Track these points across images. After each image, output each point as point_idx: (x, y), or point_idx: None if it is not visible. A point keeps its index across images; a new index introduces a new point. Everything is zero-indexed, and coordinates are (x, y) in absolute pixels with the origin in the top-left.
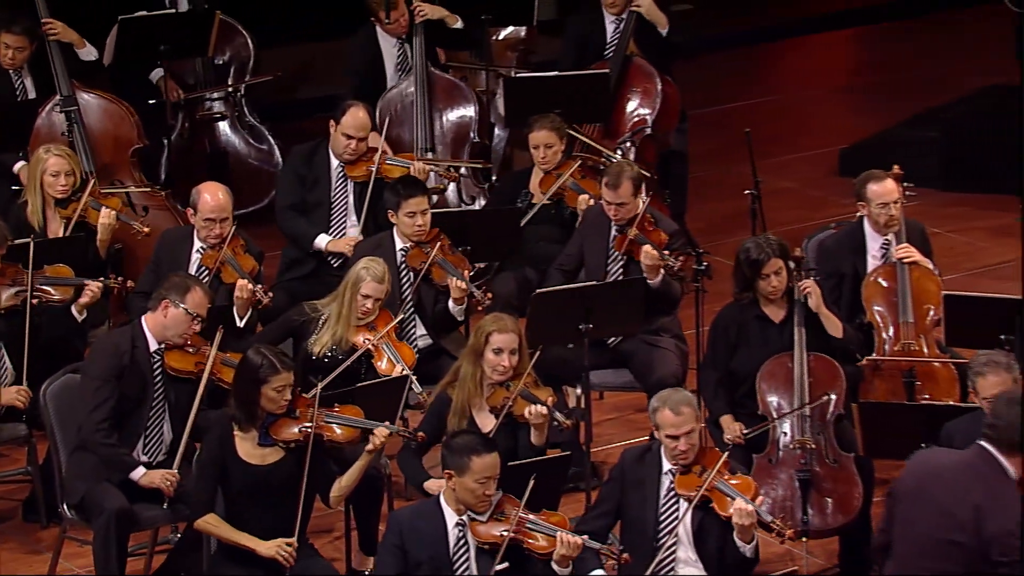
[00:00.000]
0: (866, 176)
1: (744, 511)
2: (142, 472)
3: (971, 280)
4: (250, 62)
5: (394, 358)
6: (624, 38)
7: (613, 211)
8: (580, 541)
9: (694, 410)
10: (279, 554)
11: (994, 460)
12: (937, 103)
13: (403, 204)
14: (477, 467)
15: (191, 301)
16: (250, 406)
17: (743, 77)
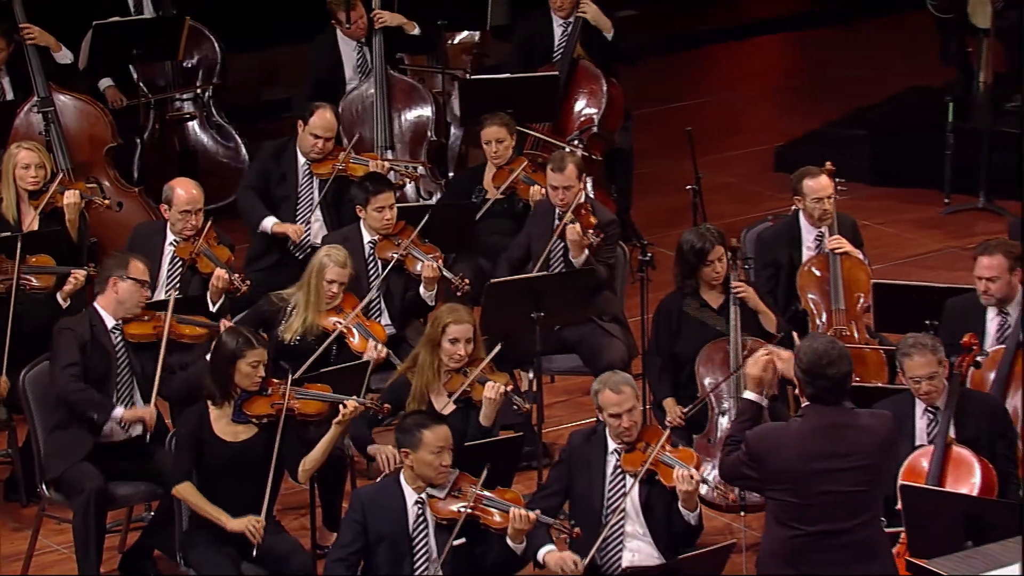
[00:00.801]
0: (802, 172)
1: (686, 476)
2: (121, 412)
3: (898, 269)
4: (218, 65)
5: (366, 335)
6: (571, 42)
7: (560, 195)
8: (533, 516)
9: (634, 389)
10: (248, 529)
11: (843, 408)
12: (865, 103)
13: (372, 200)
14: (428, 439)
15: (134, 270)
16: (225, 381)
17: (684, 79)
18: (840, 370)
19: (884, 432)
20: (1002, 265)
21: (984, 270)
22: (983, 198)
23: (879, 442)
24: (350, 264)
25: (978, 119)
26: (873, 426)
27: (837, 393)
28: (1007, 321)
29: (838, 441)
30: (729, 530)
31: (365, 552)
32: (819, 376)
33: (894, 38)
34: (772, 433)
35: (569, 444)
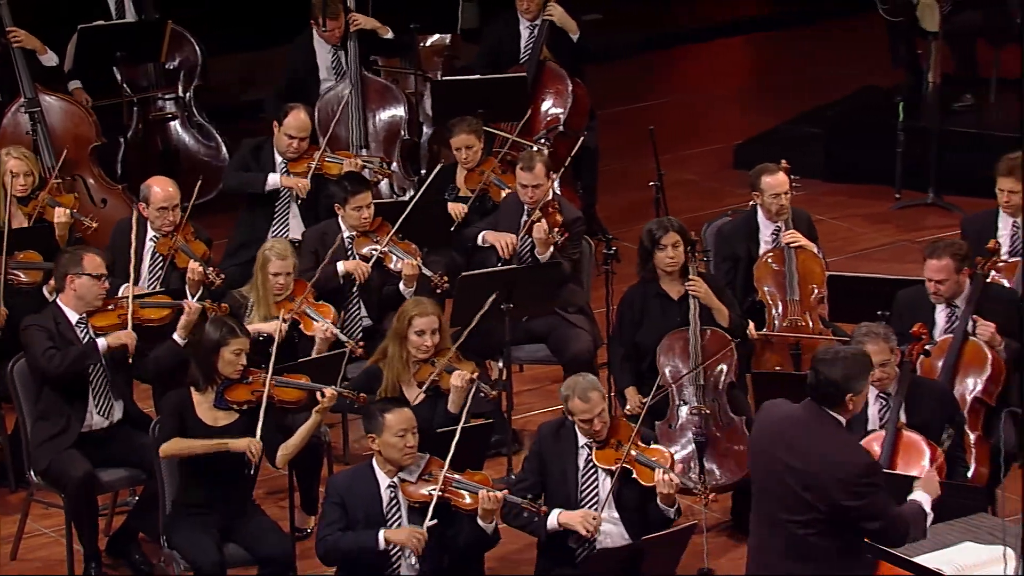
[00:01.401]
0: (760, 169)
1: (667, 481)
2: (104, 343)
3: (851, 262)
4: (199, 67)
5: (316, 317)
6: (538, 44)
7: (529, 193)
8: (501, 496)
9: (600, 393)
10: (249, 449)
11: (823, 412)
12: (819, 103)
13: (350, 199)
14: (391, 422)
15: (88, 265)
16: (209, 368)
17: (647, 80)
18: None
19: (845, 462)
20: (949, 267)
21: (933, 272)
22: (932, 194)
23: (829, 463)
24: (292, 254)
25: (927, 118)
26: (839, 449)
27: (823, 396)
28: (955, 313)
29: (798, 438)
30: (690, 512)
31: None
32: (815, 369)
33: (847, 41)
34: (777, 405)
35: (539, 436)
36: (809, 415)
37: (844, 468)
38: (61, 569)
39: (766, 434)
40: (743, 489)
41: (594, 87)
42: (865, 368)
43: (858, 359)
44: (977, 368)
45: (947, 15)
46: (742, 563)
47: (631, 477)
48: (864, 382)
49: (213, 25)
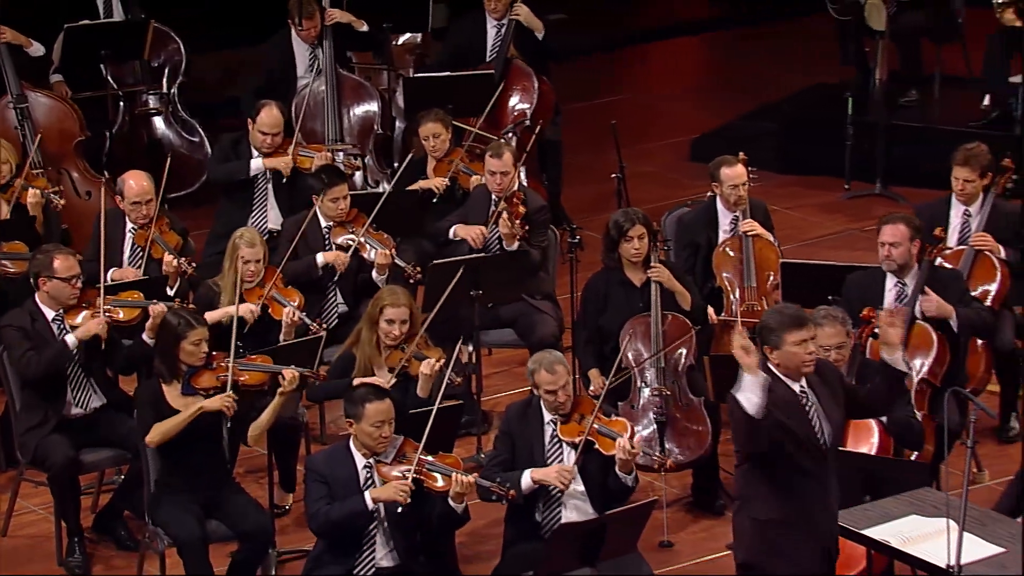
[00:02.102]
0: (720, 161)
1: (626, 448)
2: (72, 339)
3: (804, 250)
4: (182, 65)
5: (283, 301)
6: (505, 42)
7: (497, 180)
8: (472, 480)
9: (566, 367)
10: (224, 404)
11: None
12: (773, 99)
13: (327, 191)
14: (370, 412)
15: (59, 268)
16: (171, 360)
17: (609, 77)
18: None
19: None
20: (904, 233)
21: (887, 236)
22: (880, 185)
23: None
24: (261, 242)
25: (875, 113)
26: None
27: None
28: (904, 291)
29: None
30: (652, 488)
31: None
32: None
33: (799, 40)
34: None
35: (507, 416)
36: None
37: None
38: (49, 545)
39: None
40: (702, 466)
41: (559, 84)
42: (784, 326)
43: (785, 316)
44: (923, 350)
45: (893, 15)
46: (701, 536)
47: (593, 448)
48: (780, 339)
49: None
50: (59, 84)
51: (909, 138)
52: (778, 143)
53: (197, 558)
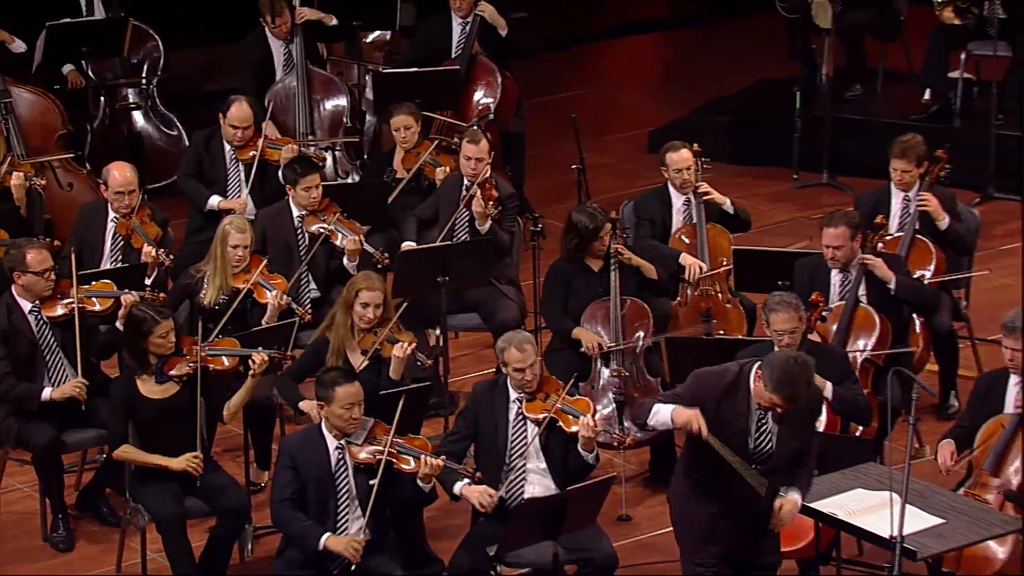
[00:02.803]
0: (666, 147)
1: (588, 425)
2: (49, 392)
3: (755, 237)
4: (160, 61)
5: (269, 287)
6: (470, 39)
7: (472, 165)
8: (440, 463)
9: (534, 347)
10: (188, 465)
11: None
12: (725, 94)
13: (300, 181)
14: (340, 395)
15: (31, 263)
16: (140, 354)
17: (569, 72)
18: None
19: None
20: (845, 234)
21: (831, 240)
22: (826, 175)
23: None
24: (249, 229)
25: (821, 107)
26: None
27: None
28: (847, 279)
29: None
30: (611, 465)
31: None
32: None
33: (750, 37)
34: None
35: (474, 393)
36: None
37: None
38: (34, 521)
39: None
40: (659, 444)
41: (522, 79)
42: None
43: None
44: (867, 331)
45: (838, 13)
46: (658, 510)
47: (556, 426)
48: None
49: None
50: (72, 73)
51: (854, 130)
52: (730, 135)
53: (176, 533)
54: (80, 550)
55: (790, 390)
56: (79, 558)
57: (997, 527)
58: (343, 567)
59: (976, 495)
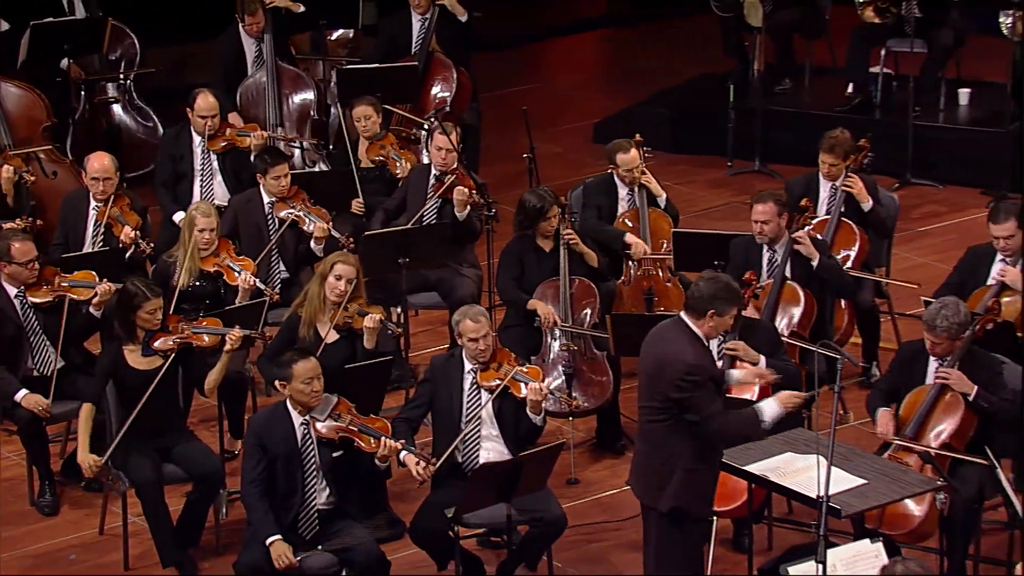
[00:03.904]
0: (615, 147)
1: (536, 389)
2: (23, 394)
3: (693, 220)
4: (137, 58)
5: (238, 269)
6: (428, 36)
7: (443, 156)
8: (397, 446)
9: (487, 319)
10: (85, 462)
11: (681, 321)
12: (665, 87)
13: (270, 170)
14: (299, 372)
15: (16, 254)
16: (129, 325)
17: (521, 67)
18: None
19: (670, 361)
20: (772, 210)
21: (759, 215)
22: (758, 163)
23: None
24: (215, 214)
25: (753, 100)
26: (669, 350)
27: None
28: (775, 258)
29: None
30: (560, 432)
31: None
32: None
33: (688, 35)
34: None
35: (432, 365)
36: (674, 323)
37: (673, 365)
38: (23, 487)
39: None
40: (605, 412)
41: (476, 73)
42: (732, 298)
43: (731, 288)
44: (792, 305)
45: (768, 13)
46: (604, 474)
47: (508, 393)
48: (728, 309)
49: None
50: (73, 66)
51: (783, 122)
52: (670, 126)
53: (154, 498)
54: (65, 514)
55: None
56: (64, 521)
57: (915, 487)
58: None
59: (897, 458)
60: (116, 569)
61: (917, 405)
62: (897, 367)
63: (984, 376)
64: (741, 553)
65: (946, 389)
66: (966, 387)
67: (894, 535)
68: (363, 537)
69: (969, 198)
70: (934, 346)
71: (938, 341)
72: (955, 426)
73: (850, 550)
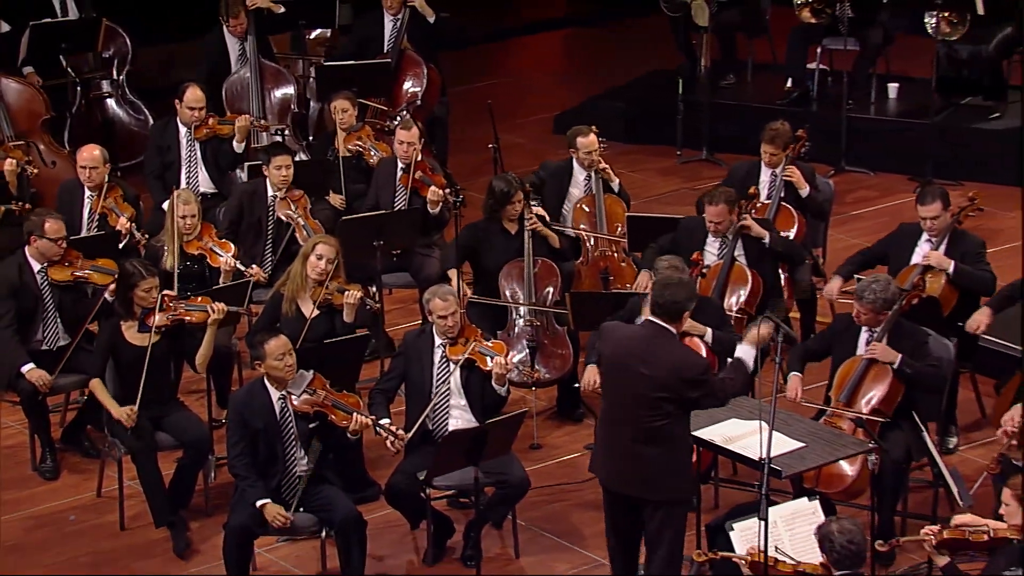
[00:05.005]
0: (575, 131)
1: (501, 362)
2: (29, 367)
3: (645, 205)
4: (129, 55)
5: (220, 252)
6: (400, 35)
7: (405, 148)
8: (368, 421)
9: (455, 297)
10: (123, 415)
11: (661, 327)
12: (619, 82)
13: (272, 160)
14: (270, 349)
15: (49, 230)
16: (127, 302)
17: (487, 64)
18: (671, 297)
19: (686, 365)
20: (724, 211)
21: (713, 216)
22: (705, 152)
23: (674, 368)
24: (195, 201)
25: (700, 93)
26: (680, 356)
27: (666, 314)
28: (724, 242)
29: (649, 352)
30: (524, 401)
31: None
32: (656, 295)
33: (639, 34)
34: (617, 327)
35: (404, 340)
36: (653, 332)
37: (689, 370)
38: (25, 454)
39: (620, 353)
40: (565, 382)
41: (445, 70)
42: (695, 294)
43: (690, 285)
44: (741, 285)
45: (714, 13)
46: (563, 439)
47: (475, 365)
48: (693, 304)
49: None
50: (31, 74)
51: (728, 114)
52: (624, 118)
53: (148, 463)
54: (65, 478)
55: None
56: (64, 485)
57: (849, 449)
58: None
59: (832, 423)
60: (113, 529)
61: (850, 374)
62: (826, 335)
63: (909, 345)
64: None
65: (875, 360)
66: (891, 356)
67: (829, 493)
68: (341, 499)
69: (898, 184)
70: (859, 315)
71: (864, 311)
72: (884, 393)
73: (790, 507)
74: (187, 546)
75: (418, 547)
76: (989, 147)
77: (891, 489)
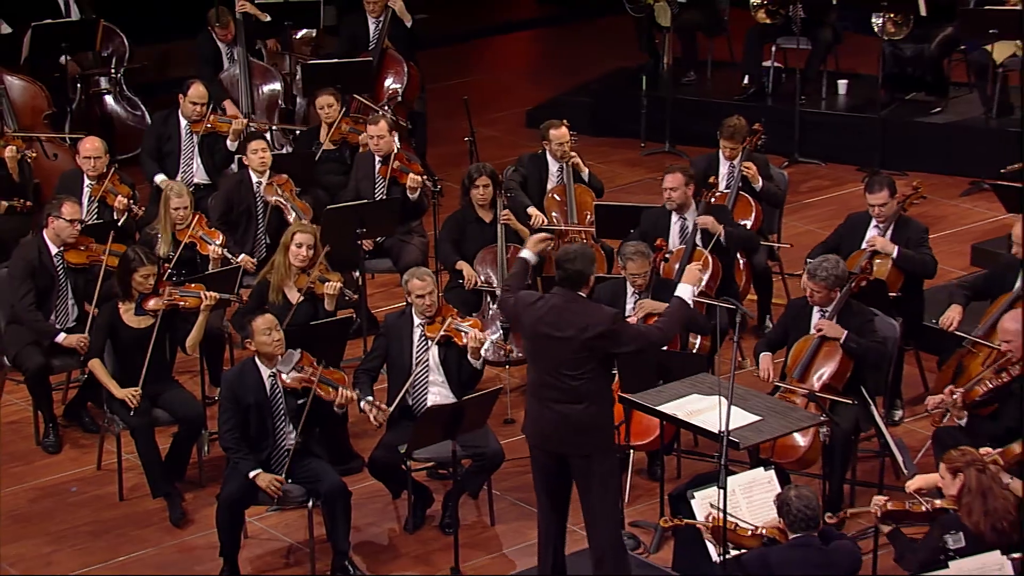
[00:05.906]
0: (548, 124)
1: (475, 337)
2: (63, 336)
3: (612, 195)
4: (126, 54)
5: (208, 240)
6: (382, 35)
7: (375, 142)
8: (353, 396)
9: (432, 278)
10: (127, 396)
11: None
12: (587, 79)
13: (248, 145)
14: (258, 326)
15: (65, 212)
16: (126, 286)
17: (463, 62)
18: (575, 267)
19: (592, 323)
20: (680, 180)
21: (667, 183)
22: (668, 144)
23: (582, 327)
24: (187, 193)
25: (663, 90)
26: (585, 316)
27: (572, 283)
28: (686, 225)
29: (560, 318)
30: (499, 379)
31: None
32: (561, 267)
33: (606, 34)
34: (528, 298)
35: (385, 321)
36: (565, 300)
37: (596, 326)
38: (29, 429)
39: (537, 322)
40: None
41: (424, 67)
42: (594, 260)
43: (590, 254)
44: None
45: (676, 14)
46: None
47: (451, 342)
48: (594, 269)
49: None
50: (71, 64)
51: (689, 109)
52: (592, 112)
53: (145, 438)
54: (67, 452)
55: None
56: (66, 459)
57: (802, 422)
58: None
59: (787, 398)
60: (112, 499)
61: (802, 352)
62: (783, 322)
63: (856, 323)
64: (654, 481)
65: (826, 339)
66: (837, 332)
67: (784, 463)
68: (327, 471)
69: (847, 174)
70: (813, 294)
71: (817, 289)
72: (834, 370)
73: (747, 477)
74: (182, 515)
75: (399, 516)
76: (932, 139)
77: (841, 459)
